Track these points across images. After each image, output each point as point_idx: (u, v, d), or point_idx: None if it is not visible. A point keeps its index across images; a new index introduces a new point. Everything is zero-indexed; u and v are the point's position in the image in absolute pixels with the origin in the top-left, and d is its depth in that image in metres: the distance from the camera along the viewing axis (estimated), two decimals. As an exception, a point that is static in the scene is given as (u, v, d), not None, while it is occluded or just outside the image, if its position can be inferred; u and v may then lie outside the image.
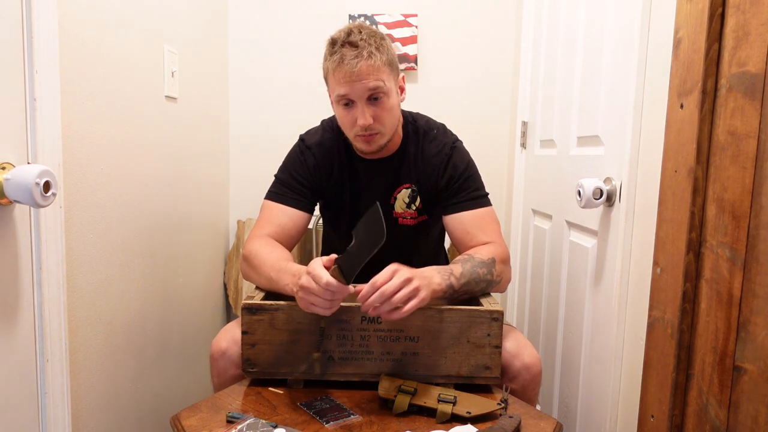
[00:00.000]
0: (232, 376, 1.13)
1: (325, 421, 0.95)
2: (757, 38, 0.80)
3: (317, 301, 0.95)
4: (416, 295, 0.97)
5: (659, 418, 1.02)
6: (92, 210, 1.17)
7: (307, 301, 0.96)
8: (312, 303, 0.95)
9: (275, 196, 1.29)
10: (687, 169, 0.93)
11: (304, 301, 0.97)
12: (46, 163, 0.97)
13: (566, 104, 1.51)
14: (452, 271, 1.08)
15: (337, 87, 1.16)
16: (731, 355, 0.85)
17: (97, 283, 1.20)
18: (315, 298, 0.95)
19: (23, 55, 0.93)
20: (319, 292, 0.94)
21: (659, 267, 1.02)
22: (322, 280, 0.93)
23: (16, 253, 0.94)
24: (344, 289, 0.94)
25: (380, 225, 0.90)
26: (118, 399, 1.31)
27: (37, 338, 1.00)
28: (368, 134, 1.19)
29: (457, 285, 1.07)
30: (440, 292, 1.04)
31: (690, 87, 0.93)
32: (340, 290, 0.94)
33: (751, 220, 0.81)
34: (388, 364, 1.05)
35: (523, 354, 1.12)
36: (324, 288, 0.93)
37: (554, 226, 1.60)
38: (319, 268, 0.94)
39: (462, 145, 1.33)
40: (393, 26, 2.03)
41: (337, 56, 1.13)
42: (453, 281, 1.06)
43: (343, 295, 0.95)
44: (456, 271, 1.08)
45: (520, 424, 0.93)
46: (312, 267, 0.96)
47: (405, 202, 1.32)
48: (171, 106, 1.54)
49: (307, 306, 0.97)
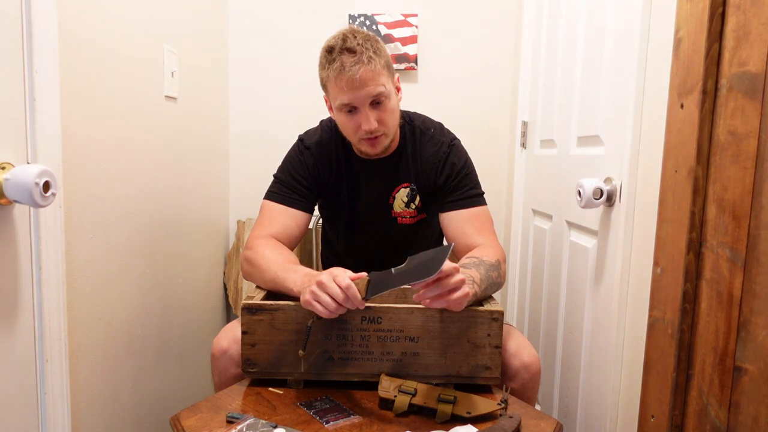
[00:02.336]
0: (233, 375, 1.13)
1: (325, 421, 0.95)
2: (757, 38, 0.80)
3: (326, 299, 0.93)
4: (461, 287, 0.95)
5: (659, 418, 1.02)
6: (92, 210, 1.17)
7: (315, 295, 0.94)
8: (318, 300, 0.94)
9: (275, 196, 1.29)
10: (687, 169, 0.93)
11: (312, 295, 0.95)
12: (46, 163, 0.97)
13: (566, 104, 1.51)
14: (474, 279, 1.06)
15: (339, 95, 1.15)
16: (731, 356, 0.85)
17: (96, 283, 1.20)
18: (325, 297, 0.93)
19: (23, 55, 0.93)
20: (333, 291, 0.92)
21: (659, 267, 1.02)
22: (343, 282, 0.92)
23: (16, 253, 0.94)
24: (358, 302, 0.93)
25: (439, 263, 0.89)
26: (118, 399, 1.31)
27: (37, 338, 1.00)
28: (373, 137, 1.19)
29: (480, 292, 1.06)
30: (469, 301, 1.02)
31: (690, 87, 0.93)
32: (354, 299, 0.92)
33: (751, 220, 0.81)
34: (388, 364, 1.05)
35: (522, 353, 1.12)
36: (342, 289, 0.92)
37: (554, 226, 1.60)
38: (344, 272, 0.94)
39: (459, 143, 1.33)
40: (393, 26, 2.03)
41: (337, 64, 1.12)
42: (477, 289, 1.05)
43: (352, 307, 0.94)
44: (476, 278, 1.07)
45: (520, 424, 0.93)
46: (338, 270, 0.95)
47: (404, 201, 1.33)
48: (171, 105, 1.54)
49: (309, 301, 0.95)
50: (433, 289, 0.93)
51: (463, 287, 0.95)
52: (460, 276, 0.95)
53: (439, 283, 0.93)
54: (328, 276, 0.94)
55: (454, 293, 0.94)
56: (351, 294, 0.92)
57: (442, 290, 0.93)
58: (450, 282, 0.93)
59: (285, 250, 1.21)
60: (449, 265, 0.93)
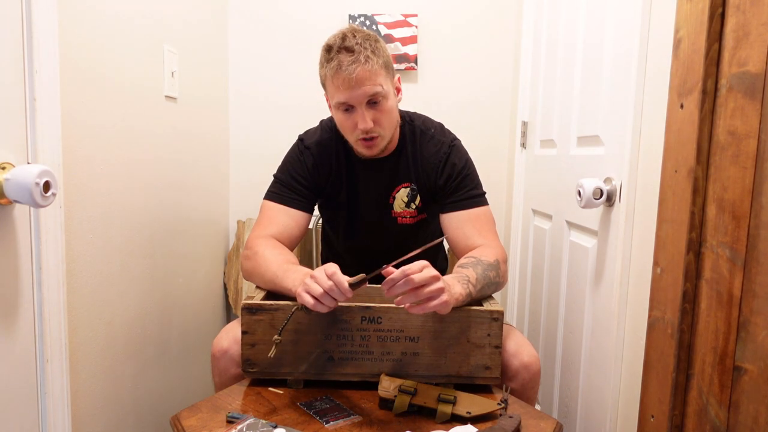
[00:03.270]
0: (234, 375, 1.13)
1: (325, 421, 0.95)
2: (757, 38, 0.80)
3: (313, 287, 0.95)
4: (439, 296, 0.95)
5: (659, 418, 1.02)
6: (92, 210, 1.17)
7: (306, 286, 0.97)
8: (307, 290, 0.96)
9: (275, 196, 1.29)
10: (687, 169, 0.93)
11: (303, 286, 0.98)
12: (46, 163, 0.97)
13: (566, 104, 1.51)
14: (469, 279, 1.07)
15: (336, 94, 1.16)
16: (731, 355, 0.85)
17: (97, 284, 1.20)
18: (314, 285, 0.96)
19: (23, 55, 0.93)
20: (321, 279, 0.95)
21: (659, 267, 1.02)
22: (330, 269, 0.95)
23: (16, 253, 0.94)
24: (344, 289, 0.94)
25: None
26: (118, 399, 1.31)
27: (37, 338, 1.00)
28: (369, 139, 1.19)
29: (474, 292, 1.07)
30: (462, 301, 1.03)
31: (690, 87, 0.93)
32: (339, 285, 0.94)
33: (751, 220, 0.81)
34: (388, 364, 1.05)
35: (522, 353, 1.12)
36: (329, 276, 0.94)
37: (554, 226, 1.60)
38: (334, 266, 0.96)
39: (460, 143, 1.33)
40: (393, 26, 2.03)
41: (335, 63, 1.13)
42: (471, 289, 1.06)
43: (340, 297, 0.95)
44: (471, 277, 1.08)
45: (520, 424, 0.93)
46: (329, 265, 0.97)
47: (404, 201, 1.33)
48: (171, 106, 1.54)
49: (299, 292, 0.98)
50: (410, 296, 0.94)
51: (442, 296, 0.96)
52: (439, 284, 0.96)
53: (415, 292, 0.94)
54: (320, 271, 0.97)
55: (431, 302, 0.95)
56: (336, 279, 0.94)
57: (417, 298, 0.94)
58: (424, 291, 0.94)
59: (284, 249, 1.21)
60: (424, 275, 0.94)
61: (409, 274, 0.93)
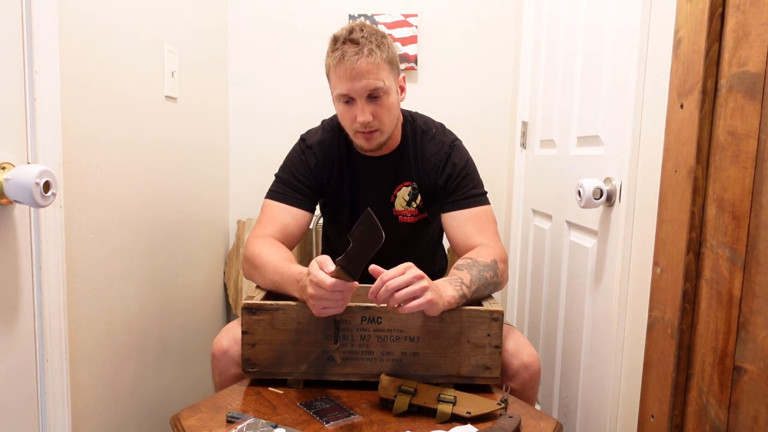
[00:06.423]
0: (234, 375, 1.13)
1: (325, 421, 0.95)
2: (757, 38, 0.80)
3: (329, 304, 0.96)
4: (422, 295, 0.96)
5: (659, 418, 1.02)
6: (92, 210, 1.17)
7: (320, 307, 0.97)
8: (325, 307, 0.97)
9: (277, 195, 1.29)
10: (687, 169, 0.93)
11: (316, 308, 0.97)
12: (46, 163, 0.97)
13: (566, 104, 1.51)
14: (462, 280, 1.07)
15: (338, 85, 1.16)
16: (731, 355, 0.85)
17: (97, 283, 1.20)
18: (326, 302, 0.96)
19: (23, 55, 0.93)
20: (327, 296, 0.95)
21: (659, 267, 1.02)
22: (326, 284, 0.93)
23: (16, 253, 0.94)
24: (351, 287, 0.95)
25: (376, 228, 0.91)
26: (118, 399, 1.31)
27: (37, 338, 1.00)
28: (368, 131, 1.20)
29: (468, 293, 1.07)
30: (455, 304, 1.03)
31: (690, 87, 0.93)
32: (346, 288, 0.95)
33: (751, 220, 0.81)
34: (388, 364, 1.05)
35: (522, 353, 1.12)
36: (330, 290, 0.93)
37: (554, 226, 1.60)
38: (320, 274, 0.94)
39: (461, 143, 1.34)
40: (393, 26, 2.03)
41: (339, 53, 1.14)
42: (465, 290, 1.06)
43: (351, 291, 0.96)
44: (465, 279, 1.08)
45: (520, 424, 0.93)
46: (313, 274, 0.95)
47: (405, 200, 1.33)
48: (171, 106, 1.54)
49: (320, 312, 0.98)
50: (394, 300, 0.94)
51: (426, 294, 0.96)
52: (422, 284, 0.96)
53: (397, 295, 0.94)
54: (314, 286, 0.95)
55: (414, 300, 0.95)
56: (342, 288, 0.94)
57: (399, 300, 0.94)
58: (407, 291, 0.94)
59: (281, 247, 1.20)
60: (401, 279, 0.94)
61: (386, 280, 0.94)
